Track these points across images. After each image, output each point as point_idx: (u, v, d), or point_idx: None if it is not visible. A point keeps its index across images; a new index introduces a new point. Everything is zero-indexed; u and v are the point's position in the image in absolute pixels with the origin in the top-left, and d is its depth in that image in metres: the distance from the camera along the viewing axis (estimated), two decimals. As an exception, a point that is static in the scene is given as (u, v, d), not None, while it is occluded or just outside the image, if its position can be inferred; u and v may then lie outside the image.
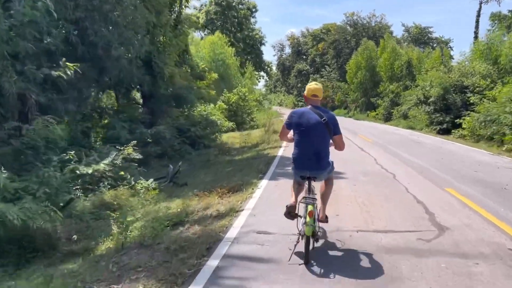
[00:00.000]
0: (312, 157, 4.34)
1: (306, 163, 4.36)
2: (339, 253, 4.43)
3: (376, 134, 20.21)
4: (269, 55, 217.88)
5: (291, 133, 4.59)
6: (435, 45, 48.36)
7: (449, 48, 47.98)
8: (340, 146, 4.55)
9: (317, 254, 4.29)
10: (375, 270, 3.95)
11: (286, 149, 13.98)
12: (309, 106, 4.42)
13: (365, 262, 4.17)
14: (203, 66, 20.10)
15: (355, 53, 43.98)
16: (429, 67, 33.48)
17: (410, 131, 23.72)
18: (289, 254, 4.18)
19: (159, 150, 12.13)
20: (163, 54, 14.59)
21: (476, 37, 33.24)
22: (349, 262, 4.18)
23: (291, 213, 4.33)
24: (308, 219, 3.94)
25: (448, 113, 22.90)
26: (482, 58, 24.62)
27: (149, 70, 13.97)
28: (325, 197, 4.78)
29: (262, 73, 59.08)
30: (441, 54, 32.96)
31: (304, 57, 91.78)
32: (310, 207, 4.01)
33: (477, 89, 21.46)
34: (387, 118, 34.27)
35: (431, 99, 23.83)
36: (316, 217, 4.22)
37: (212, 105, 22.52)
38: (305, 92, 4.55)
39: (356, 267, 4.06)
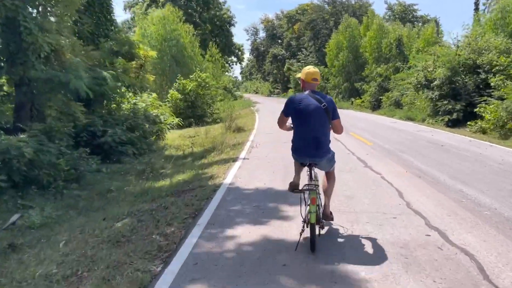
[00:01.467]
0: (312, 144, 4.21)
1: (306, 150, 4.27)
2: (342, 240, 4.30)
3: (372, 131, 15.11)
4: (242, 39, 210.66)
5: (289, 121, 4.44)
6: (420, 23, 43.81)
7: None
8: (338, 131, 4.46)
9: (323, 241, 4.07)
10: (381, 257, 3.81)
11: (245, 166, 8.75)
12: (307, 91, 4.25)
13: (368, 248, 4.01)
14: (134, 40, 14.41)
15: (336, 32, 38.86)
16: (420, 46, 28.84)
17: (411, 124, 18.76)
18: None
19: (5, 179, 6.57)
20: (44, 15, 9.01)
21: (477, 9, 28.61)
22: (354, 248, 4.02)
23: (294, 190, 4.32)
24: (311, 206, 3.91)
25: (458, 100, 18.11)
26: (496, 31, 19.83)
27: (15, 38, 8.39)
28: (328, 192, 4.59)
29: (233, 58, 53.10)
30: (435, 30, 28.09)
31: (279, 41, 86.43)
32: (312, 194, 3.97)
33: (496, 68, 16.64)
34: (375, 106, 29.41)
35: (435, 82, 18.93)
36: (319, 203, 4.23)
37: (154, 95, 16.95)
38: (303, 76, 4.32)
39: (361, 253, 3.93)
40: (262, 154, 10.14)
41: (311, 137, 4.19)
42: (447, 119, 17.91)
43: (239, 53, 53.06)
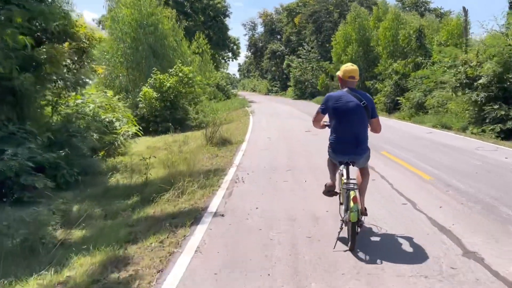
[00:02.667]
0: (352, 142, 4.18)
1: (345, 149, 4.22)
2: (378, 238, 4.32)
3: (413, 150, 10.54)
4: (239, 35, 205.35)
5: (325, 118, 4.43)
6: (433, 16, 39.52)
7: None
8: (377, 130, 4.37)
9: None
10: (419, 254, 3.87)
11: (209, 246, 4.38)
12: (346, 89, 4.22)
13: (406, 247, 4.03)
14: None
15: (343, 23, 34.45)
16: (442, 39, 24.55)
17: (454, 135, 14.31)
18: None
19: None
20: None
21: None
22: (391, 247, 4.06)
23: (330, 191, 4.33)
24: (352, 205, 3.84)
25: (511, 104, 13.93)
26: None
27: None
28: (362, 188, 4.39)
29: (228, 53, 48.57)
30: (463, 20, 23.72)
31: (279, 36, 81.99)
32: (352, 193, 3.93)
33: None
34: (391, 109, 25.08)
35: (480, 81, 14.62)
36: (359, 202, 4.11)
37: (109, 93, 12.60)
38: (341, 74, 4.28)
39: (399, 251, 3.99)
40: (248, 203, 5.80)
41: (351, 135, 4.17)
42: (499, 128, 13.62)
43: (235, 47, 48.56)
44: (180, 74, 18.73)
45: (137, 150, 12.74)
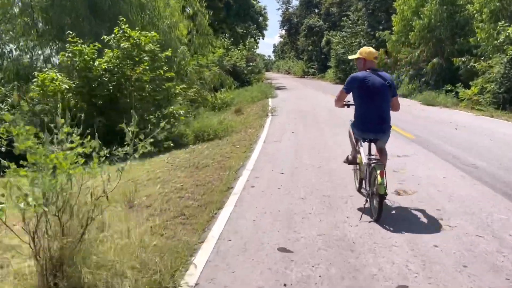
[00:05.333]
0: (377, 120, 4.42)
1: (370, 126, 4.47)
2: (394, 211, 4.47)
3: None
4: (270, 8, 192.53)
5: (348, 97, 4.71)
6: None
7: None
8: (397, 108, 4.62)
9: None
10: (434, 225, 4.10)
11: None
12: (368, 70, 4.47)
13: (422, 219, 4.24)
14: None
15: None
16: None
17: None
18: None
19: None
20: None
21: None
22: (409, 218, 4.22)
23: (353, 163, 5.01)
24: (380, 179, 4.03)
25: None
26: None
27: None
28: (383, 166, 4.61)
29: (252, 25, 38.66)
30: None
31: (316, 10, 71.10)
32: (380, 168, 4.13)
33: None
34: (505, 103, 14.93)
35: None
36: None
37: None
38: (365, 55, 4.55)
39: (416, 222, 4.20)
40: None
41: (376, 114, 4.41)
42: None
43: (261, 18, 38.64)
44: (132, 41, 9.64)
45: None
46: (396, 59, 23.76)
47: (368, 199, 4.39)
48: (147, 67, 10.15)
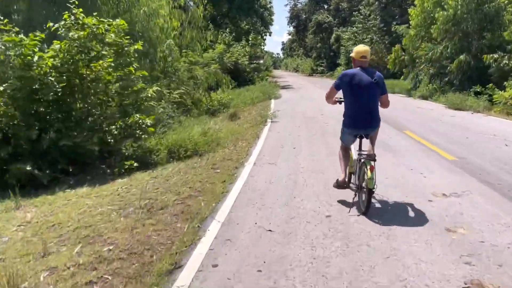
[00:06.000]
0: (366, 117, 4.48)
1: (360, 123, 4.53)
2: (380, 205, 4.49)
3: None
4: (278, 5, 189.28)
5: (338, 94, 4.73)
6: None
7: None
8: (386, 105, 4.67)
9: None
10: (422, 217, 4.18)
11: None
12: (358, 68, 4.51)
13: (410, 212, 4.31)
14: None
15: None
16: None
17: None
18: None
19: None
20: None
21: None
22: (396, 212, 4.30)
23: (341, 187, 4.84)
24: (369, 173, 4.10)
25: None
26: None
27: None
28: (374, 140, 4.77)
29: (257, 20, 36.29)
30: None
31: (326, 6, 68.60)
32: (370, 163, 4.20)
33: None
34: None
35: None
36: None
37: None
38: (353, 55, 4.60)
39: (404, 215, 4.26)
40: None
41: (365, 111, 4.48)
42: None
43: (266, 13, 36.23)
44: (81, 34, 7.46)
45: None
46: (412, 56, 21.34)
47: (357, 193, 4.51)
48: (112, 64, 8.03)
